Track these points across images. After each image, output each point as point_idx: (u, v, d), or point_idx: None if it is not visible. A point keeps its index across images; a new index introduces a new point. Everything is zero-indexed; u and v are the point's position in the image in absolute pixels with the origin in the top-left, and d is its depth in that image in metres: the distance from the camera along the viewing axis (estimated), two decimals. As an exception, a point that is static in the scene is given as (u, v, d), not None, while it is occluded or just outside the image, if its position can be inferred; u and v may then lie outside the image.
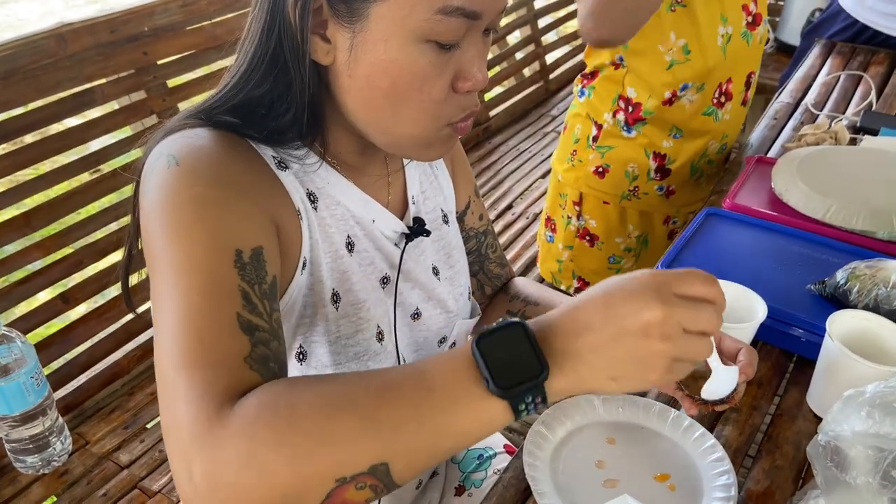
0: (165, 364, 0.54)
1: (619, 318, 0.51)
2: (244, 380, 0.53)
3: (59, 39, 1.57)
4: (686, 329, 0.52)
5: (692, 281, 0.53)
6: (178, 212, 0.58)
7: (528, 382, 0.51)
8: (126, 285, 0.75)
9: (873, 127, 1.44)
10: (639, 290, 0.52)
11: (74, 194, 1.65)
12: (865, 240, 1.07)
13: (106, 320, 1.72)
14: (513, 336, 0.52)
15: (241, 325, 0.55)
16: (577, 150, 1.50)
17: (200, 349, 0.53)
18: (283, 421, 0.50)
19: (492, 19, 0.63)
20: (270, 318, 0.58)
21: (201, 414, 0.50)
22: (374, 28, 0.60)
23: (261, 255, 0.59)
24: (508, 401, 0.51)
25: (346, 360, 0.74)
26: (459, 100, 0.66)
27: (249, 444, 0.49)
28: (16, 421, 1.41)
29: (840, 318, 0.82)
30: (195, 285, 0.55)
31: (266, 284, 0.59)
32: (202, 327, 0.54)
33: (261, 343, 0.56)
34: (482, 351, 0.52)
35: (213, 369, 0.52)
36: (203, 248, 0.57)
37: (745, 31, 1.34)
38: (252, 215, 0.61)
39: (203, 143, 0.63)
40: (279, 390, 0.52)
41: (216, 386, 0.51)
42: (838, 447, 0.65)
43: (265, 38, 0.64)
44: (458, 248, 0.89)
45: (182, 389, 0.52)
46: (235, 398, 0.51)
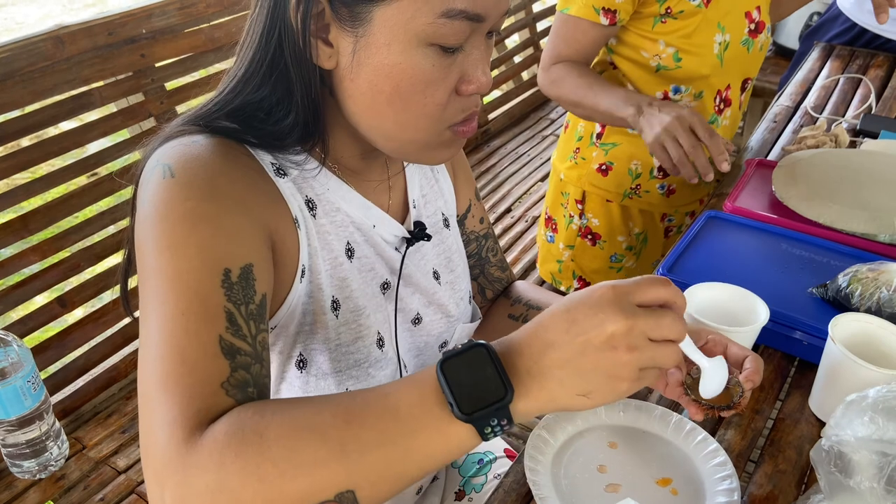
0: (146, 383, 0.54)
1: (584, 333, 0.52)
2: (218, 405, 0.53)
3: (57, 42, 1.57)
4: (651, 337, 0.53)
5: (649, 288, 0.54)
6: (170, 227, 0.58)
7: (491, 406, 0.51)
8: (125, 289, 0.74)
9: (873, 130, 1.44)
10: (600, 304, 0.52)
11: (72, 197, 1.64)
12: (867, 242, 1.07)
13: (103, 324, 1.71)
14: (476, 358, 0.53)
15: (223, 348, 0.55)
16: (580, 147, 1.50)
17: (180, 372, 0.53)
18: (251, 448, 0.50)
19: (495, 22, 0.63)
20: (255, 341, 0.58)
21: (173, 438, 0.50)
22: (377, 32, 0.60)
23: (250, 272, 0.59)
24: (473, 425, 0.52)
25: (347, 368, 0.73)
26: (461, 101, 0.65)
27: (218, 472, 0.49)
28: (12, 425, 1.40)
29: (842, 322, 0.82)
30: (181, 305, 0.55)
31: (254, 304, 0.59)
32: (184, 349, 0.54)
33: (241, 367, 0.55)
34: (446, 375, 0.52)
35: (188, 393, 0.52)
36: (191, 266, 0.56)
37: (747, 39, 1.34)
38: (245, 230, 0.61)
39: (200, 151, 0.62)
40: (248, 416, 0.52)
41: (189, 410, 0.51)
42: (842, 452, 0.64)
43: (265, 42, 0.63)
44: (459, 252, 0.88)
45: (158, 410, 0.52)
46: (208, 423, 0.51)
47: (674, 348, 0.55)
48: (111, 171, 1.74)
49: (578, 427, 0.78)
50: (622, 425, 0.79)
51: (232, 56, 0.68)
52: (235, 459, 0.49)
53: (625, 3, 1.27)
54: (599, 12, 1.28)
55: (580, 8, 1.29)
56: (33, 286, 1.59)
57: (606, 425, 0.79)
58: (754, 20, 1.34)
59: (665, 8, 1.27)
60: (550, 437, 0.76)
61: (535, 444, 0.75)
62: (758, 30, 1.35)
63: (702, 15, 1.27)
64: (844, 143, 1.36)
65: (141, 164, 0.65)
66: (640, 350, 0.52)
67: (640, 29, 1.32)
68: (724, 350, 0.71)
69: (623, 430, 0.79)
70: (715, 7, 1.27)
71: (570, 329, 0.52)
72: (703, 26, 1.28)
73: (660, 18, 1.29)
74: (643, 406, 0.80)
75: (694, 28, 1.28)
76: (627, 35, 1.34)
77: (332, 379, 0.73)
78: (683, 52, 1.30)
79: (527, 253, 2.27)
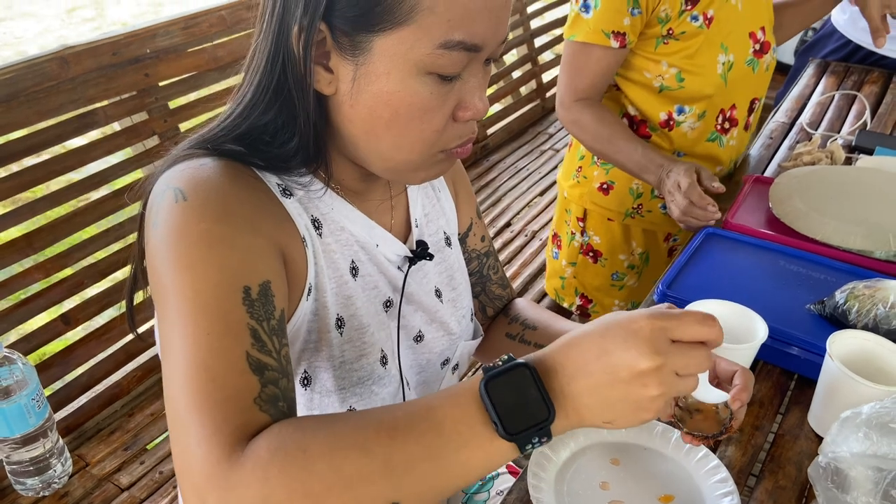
0: (176, 406, 0.55)
1: (615, 368, 0.53)
2: (254, 421, 0.54)
3: (62, 62, 1.59)
4: (679, 373, 0.54)
5: (690, 324, 0.55)
6: (187, 249, 0.59)
7: (535, 427, 0.53)
8: (130, 305, 0.75)
9: (868, 146, 1.46)
10: (636, 339, 0.53)
11: (76, 215, 1.66)
12: (863, 259, 1.08)
13: (106, 341, 1.72)
14: (519, 379, 0.54)
15: (251, 364, 0.56)
16: (582, 166, 1.52)
17: (210, 390, 0.54)
18: (296, 464, 0.50)
19: (492, 50, 0.65)
20: (279, 355, 0.59)
21: (213, 454, 0.51)
22: (377, 61, 0.61)
23: (269, 289, 0.60)
24: (516, 443, 0.53)
25: (351, 385, 0.74)
26: (458, 128, 0.67)
27: (263, 488, 0.50)
28: (16, 443, 1.40)
29: (840, 338, 0.83)
30: (204, 325, 0.56)
31: (274, 320, 0.60)
32: (212, 368, 0.54)
33: (270, 382, 0.56)
34: (490, 394, 0.53)
35: (223, 410, 0.53)
36: (211, 286, 0.57)
37: (752, 59, 1.35)
38: (260, 248, 0.62)
39: (209, 174, 0.63)
40: (289, 432, 0.53)
41: (227, 427, 0.52)
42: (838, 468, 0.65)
43: (270, 68, 0.64)
44: (461, 270, 0.89)
45: (193, 430, 0.52)
46: (246, 439, 0.52)
47: (695, 378, 0.56)
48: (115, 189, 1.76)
49: (581, 444, 0.79)
50: (624, 442, 0.80)
51: (235, 74, 0.69)
52: (280, 475, 0.50)
53: (633, 24, 1.28)
54: (609, 36, 1.29)
55: (589, 33, 1.30)
56: (37, 304, 1.60)
57: (608, 442, 0.80)
58: (759, 40, 1.35)
59: (667, 29, 1.29)
60: (553, 454, 0.77)
61: (537, 460, 0.75)
62: (763, 50, 1.36)
63: (704, 36, 1.28)
64: (840, 160, 1.38)
65: (148, 185, 0.66)
66: (668, 386, 0.53)
67: (642, 50, 1.33)
68: (713, 367, 0.72)
69: (625, 446, 0.80)
70: (717, 28, 1.29)
71: (602, 358, 0.53)
72: (706, 47, 1.30)
73: (662, 39, 1.30)
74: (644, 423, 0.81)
75: (696, 49, 1.29)
76: (630, 56, 1.36)
77: (336, 396, 0.74)
78: (686, 73, 1.32)
79: (526, 267, 2.28)
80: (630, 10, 1.26)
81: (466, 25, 0.60)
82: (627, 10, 1.26)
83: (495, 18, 0.62)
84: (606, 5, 1.27)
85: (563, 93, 1.37)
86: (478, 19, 0.60)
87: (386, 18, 0.59)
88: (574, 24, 1.32)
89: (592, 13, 1.29)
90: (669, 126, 1.38)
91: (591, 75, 1.34)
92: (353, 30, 0.61)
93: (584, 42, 1.31)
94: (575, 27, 1.32)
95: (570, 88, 1.36)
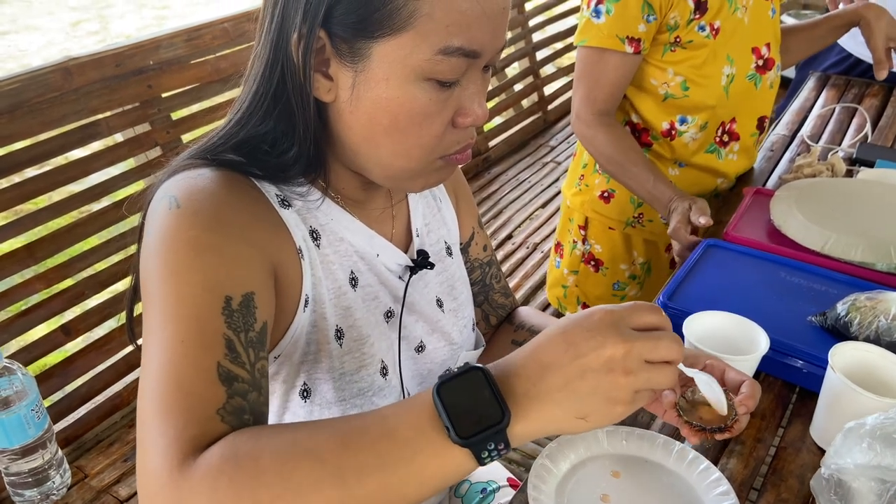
0: (143, 408, 0.55)
1: (582, 356, 0.53)
2: (213, 431, 0.53)
3: (65, 73, 1.60)
4: (648, 360, 0.54)
5: (642, 313, 0.56)
6: (173, 255, 0.59)
7: (489, 430, 0.52)
8: (130, 316, 0.75)
9: (869, 159, 1.46)
10: (599, 327, 0.53)
11: (77, 226, 1.66)
12: (864, 271, 1.08)
13: (106, 352, 1.72)
14: (473, 382, 0.53)
15: (220, 375, 0.56)
16: (584, 174, 1.52)
17: (175, 397, 0.54)
18: (245, 473, 0.50)
19: (491, 57, 0.65)
20: (253, 368, 0.58)
21: (167, 463, 0.51)
22: (376, 67, 0.62)
23: (251, 301, 0.60)
24: (470, 449, 0.52)
25: (351, 396, 0.74)
26: (457, 134, 0.67)
27: (211, 497, 0.49)
28: (16, 454, 1.40)
29: (842, 351, 0.82)
30: (181, 331, 0.56)
31: (254, 332, 0.59)
32: (181, 375, 0.54)
33: (238, 394, 0.56)
34: (443, 399, 0.52)
35: (184, 418, 0.53)
36: (193, 293, 0.58)
37: (753, 74, 1.35)
38: (247, 259, 0.62)
39: (205, 184, 0.64)
40: (243, 441, 0.52)
41: (184, 435, 0.52)
42: (841, 480, 0.65)
43: (268, 75, 0.65)
44: (462, 280, 0.89)
45: (153, 435, 0.53)
46: (202, 449, 0.52)
47: (670, 370, 0.55)
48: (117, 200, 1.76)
49: (581, 456, 0.78)
50: (625, 454, 0.79)
51: (237, 86, 0.70)
52: (230, 484, 0.49)
53: (648, 31, 1.27)
54: (624, 41, 1.28)
55: (603, 38, 1.29)
56: (38, 314, 1.60)
57: (609, 454, 0.79)
58: (762, 56, 1.36)
59: (674, 37, 1.29)
60: (553, 466, 0.76)
61: (538, 473, 0.75)
62: (766, 66, 1.36)
63: (710, 47, 1.29)
64: (841, 173, 1.38)
65: (148, 195, 0.67)
66: (637, 373, 0.53)
67: (650, 57, 1.33)
68: (722, 375, 0.72)
69: (626, 458, 0.79)
70: (723, 39, 1.29)
71: (568, 351, 0.53)
72: (712, 58, 1.30)
73: (669, 47, 1.31)
74: (646, 435, 0.81)
75: (703, 59, 1.30)
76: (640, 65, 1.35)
77: (337, 408, 0.74)
78: (691, 82, 1.32)
79: (528, 279, 2.28)
80: (645, 16, 1.26)
81: (465, 32, 0.60)
82: (643, 17, 1.26)
83: (493, 25, 0.62)
84: (620, 11, 1.26)
85: (580, 106, 1.35)
86: (476, 26, 0.61)
87: (385, 25, 0.60)
88: (585, 29, 1.32)
89: (605, 18, 1.28)
90: (671, 136, 1.38)
91: (608, 84, 1.32)
92: (352, 36, 0.61)
93: (598, 47, 1.30)
94: (586, 32, 1.31)
95: (588, 100, 1.34)
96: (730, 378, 0.72)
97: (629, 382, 0.53)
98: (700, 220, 1.18)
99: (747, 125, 1.41)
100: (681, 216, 1.21)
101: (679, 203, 1.24)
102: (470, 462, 0.53)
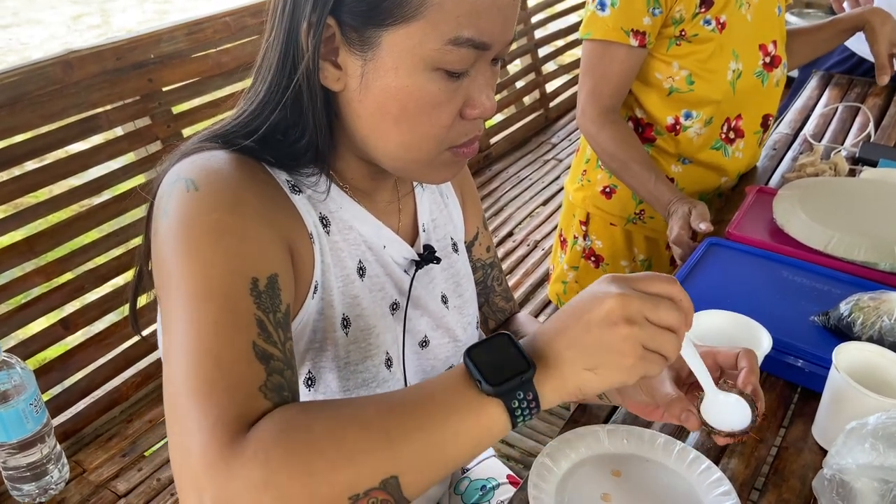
0: (177, 391, 0.54)
1: (585, 312, 0.56)
2: (258, 408, 0.53)
3: (66, 66, 1.59)
4: (648, 318, 0.56)
5: (651, 280, 0.58)
6: (196, 237, 0.59)
7: (517, 378, 0.55)
8: (134, 307, 0.75)
9: (872, 158, 1.45)
10: (600, 286, 0.58)
11: (78, 220, 1.66)
12: (867, 271, 1.07)
13: (105, 346, 1.71)
14: (499, 343, 0.58)
15: (257, 353, 0.56)
16: (587, 169, 1.52)
17: (216, 377, 0.53)
18: (299, 443, 0.51)
19: (500, 49, 0.65)
20: (284, 347, 0.59)
21: (214, 442, 0.50)
22: (385, 56, 0.62)
23: (276, 282, 0.60)
24: (502, 399, 0.55)
25: (355, 387, 0.74)
26: (465, 125, 0.67)
27: (264, 470, 0.49)
28: (14, 448, 1.40)
29: (845, 351, 0.82)
30: (212, 312, 0.56)
31: (280, 313, 0.60)
32: (218, 355, 0.54)
33: (275, 372, 0.56)
34: (472, 358, 0.57)
35: (227, 397, 0.53)
36: (220, 275, 0.57)
37: (761, 71, 1.35)
38: (269, 241, 0.62)
39: (221, 166, 0.63)
40: (293, 414, 0.53)
41: (229, 413, 0.52)
42: (844, 480, 0.65)
43: (282, 66, 0.65)
44: (467, 277, 0.89)
45: (194, 417, 0.52)
46: (248, 426, 0.52)
47: (673, 338, 0.57)
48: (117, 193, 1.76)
49: (582, 455, 0.78)
50: (626, 453, 0.79)
51: (239, 80, 0.70)
52: (285, 455, 0.50)
53: (653, 24, 1.27)
54: (629, 34, 1.27)
55: (608, 31, 1.28)
56: (37, 308, 1.59)
57: (610, 453, 0.79)
58: (769, 53, 1.35)
59: (679, 30, 1.28)
60: (554, 465, 0.76)
61: (538, 471, 0.75)
62: (773, 64, 1.36)
63: (716, 41, 1.28)
64: (844, 172, 1.37)
65: (158, 179, 0.66)
66: (639, 325, 0.55)
67: (655, 50, 1.32)
68: (714, 360, 0.71)
69: (627, 458, 0.79)
70: (729, 34, 1.28)
71: (574, 312, 0.57)
72: (718, 52, 1.29)
73: (675, 41, 1.30)
74: (646, 434, 0.80)
75: (709, 54, 1.29)
76: None
77: (341, 397, 0.73)
78: (696, 76, 1.31)
79: (529, 277, 2.27)
80: (651, 9, 1.25)
81: (475, 23, 0.60)
82: (648, 10, 1.25)
83: (503, 17, 0.62)
84: (626, 4, 1.26)
85: (586, 101, 1.35)
86: (486, 17, 0.61)
87: (394, 13, 0.60)
88: (590, 22, 1.31)
89: (609, 11, 1.27)
90: (676, 130, 1.38)
91: (614, 78, 1.32)
92: (361, 25, 0.61)
93: (603, 40, 1.29)
94: (590, 25, 1.31)
95: (594, 95, 1.33)
96: (722, 360, 0.71)
97: (632, 333, 0.55)
98: (701, 226, 1.17)
99: (752, 122, 1.40)
100: (682, 221, 1.20)
101: (679, 206, 1.23)
102: (503, 417, 0.55)
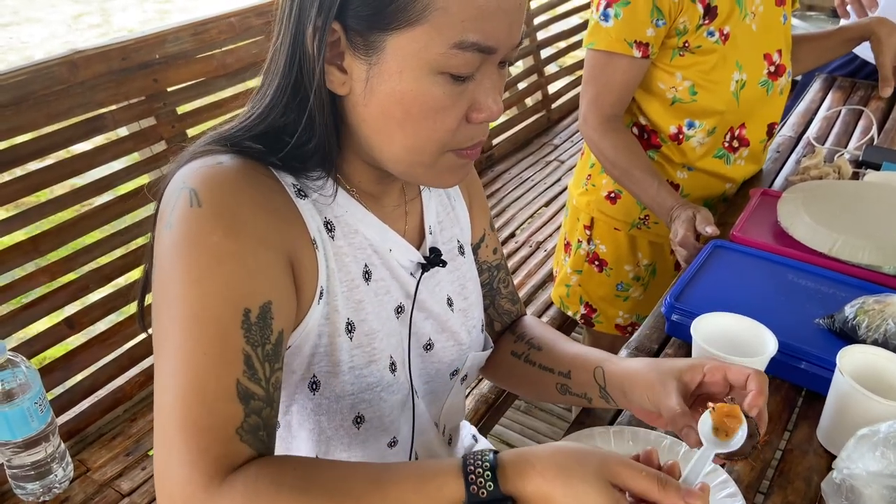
0: (165, 419, 0.57)
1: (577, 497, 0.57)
2: (234, 452, 0.56)
3: (71, 66, 1.59)
4: None
5: (635, 477, 0.58)
6: (195, 260, 0.60)
7: None
8: (141, 305, 0.75)
9: (876, 161, 1.46)
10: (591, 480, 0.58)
11: (83, 219, 1.66)
12: (872, 274, 1.08)
13: (109, 346, 1.71)
14: None
15: (239, 392, 0.58)
16: (591, 174, 1.52)
17: (199, 414, 0.56)
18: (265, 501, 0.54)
19: (506, 53, 0.65)
20: (268, 384, 0.60)
21: (194, 480, 0.54)
22: (390, 60, 0.62)
23: (269, 311, 0.61)
24: None
25: (360, 391, 0.74)
26: (470, 129, 0.67)
27: None
28: (18, 447, 1.40)
29: (850, 354, 0.83)
30: (203, 344, 0.58)
31: (270, 344, 0.61)
32: (205, 390, 0.57)
33: (254, 412, 0.58)
34: None
35: (207, 437, 0.56)
36: (215, 304, 0.59)
37: (766, 80, 1.35)
38: (266, 265, 0.62)
39: (225, 176, 0.64)
40: (266, 472, 0.56)
41: (208, 455, 0.55)
42: (853, 485, 0.65)
43: (289, 70, 0.65)
44: (473, 280, 0.89)
45: (176, 449, 0.55)
46: (225, 470, 0.55)
47: None
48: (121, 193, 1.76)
49: (589, 456, 0.78)
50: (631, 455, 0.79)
51: (243, 81, 0.70)
52: None
53: (657, 35, 1.27)
54: (632, 45, 1.28)
55: (612, 42, 1.29)
56: (41, 307, 1.59)
57: (616, 455, 0.79)
58: (774, 62, 1.35)
59: (683, 41, 1.29)
60: (561, 466, 0.76)
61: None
62: (778, 72, 1.36)
63: (720, 52, 1.28)
64: (847, 175, 1.38)
65: (165, 181, 0.67)
66: None
67: (658, 60, 1.33)
68: (724, 377, 0.71)
69: (633, 459, 0.79)
70: (733, 45, 1.29)
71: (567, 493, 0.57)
72: (721, 63, 1.29)
73: (678, 51, 1.30)
74: (652, 436, 0.81)
75: (712, 65, 1.29)
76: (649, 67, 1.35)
77: (346, 401, 0.74)
78: (699, 87, 1.32)
79: (531, 278, 2.27)
80: (654, 20, 1.26)
81: (480, 26, 0.60)
82: (651, 21, 1.26)
83: (509, 21, 0.62)
84: (629, 15, 1.26)
85: (587, 110, 1.35)
86: (492, 21, 0.61)
87: (399, 17, 0.60)
88: (593, 32, 1.32)
89: (612, 22, 1.28)
90: (679, 139, 1.38)
91: (616, 88, 1.33)
92: (366, 29, 0.61)
93: (606, 51, 1.30)
94: (594, 35, 1.31)
95: (596, 104, 1.34)
96: (733, 378, 0.70)
97: None
98: (707, 230, 1.18)
99: (757, 131, 1.40)
100: (687, 223, 1.21)
101: (682, 211, 1.24)
102: None
